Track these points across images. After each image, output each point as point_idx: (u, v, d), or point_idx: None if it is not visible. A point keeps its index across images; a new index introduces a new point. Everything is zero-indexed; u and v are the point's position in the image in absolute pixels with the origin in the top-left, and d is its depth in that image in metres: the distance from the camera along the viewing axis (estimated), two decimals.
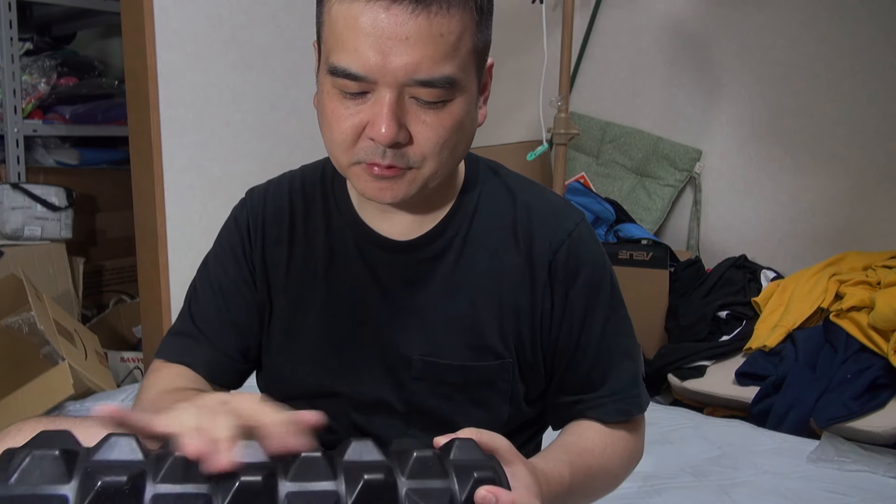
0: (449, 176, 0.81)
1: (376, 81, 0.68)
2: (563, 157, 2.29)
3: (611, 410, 0.84)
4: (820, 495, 1.48)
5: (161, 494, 0.51)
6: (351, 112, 0.71)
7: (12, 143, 2.77)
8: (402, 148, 0.71)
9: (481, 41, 0.73)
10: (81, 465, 0.52)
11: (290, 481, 0.54)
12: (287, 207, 0.88)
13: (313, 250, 0.87)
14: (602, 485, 0.83)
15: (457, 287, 0.83)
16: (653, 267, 2.37)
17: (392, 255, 0.84)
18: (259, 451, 0.55)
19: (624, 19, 2.83)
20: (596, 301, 0.84)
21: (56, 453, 0.51)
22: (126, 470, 0.51)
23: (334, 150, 0.75)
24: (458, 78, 0.70)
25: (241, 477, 0.52)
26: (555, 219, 0.84)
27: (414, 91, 0.69)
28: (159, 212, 2.22)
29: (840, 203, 2.43)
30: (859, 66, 2.36)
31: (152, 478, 0.52)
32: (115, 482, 0.50)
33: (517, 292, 0.82)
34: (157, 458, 0.53)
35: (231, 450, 0.52)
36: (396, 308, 0.83)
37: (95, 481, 0.50)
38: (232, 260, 0.88)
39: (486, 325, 0.82)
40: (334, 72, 0.70)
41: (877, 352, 1.92)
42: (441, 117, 0.71)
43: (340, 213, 0.86)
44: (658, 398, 2.21)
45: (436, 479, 0.57)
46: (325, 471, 0.55)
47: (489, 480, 0.58)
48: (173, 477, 0.52)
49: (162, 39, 2.17)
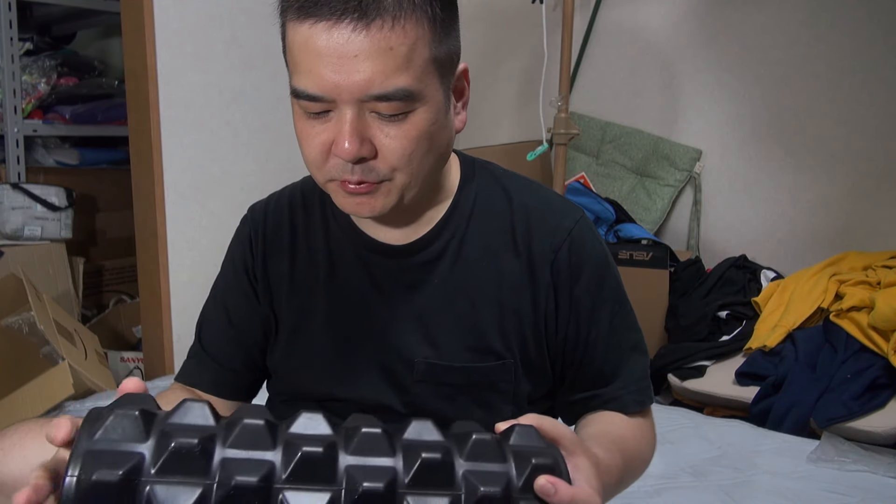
0: (437, 183, 0.82)
1: (334, 100, 0.69)
2: (563, 157, 2.29)
3: (628, 402, 0.84)
4: (820, 495, 1.48)
5: (229, 458, 0.54)
6: (317, 131, 0.72)
7: (12, 143, 2.77)
8: (368, 162, 0.72)
9: (441, 50, 0.72)
10: (158, 426, 0.55)
11: (351, 455, 0.56)
12: (287, 220, 0.90)
13: (314, 259, 0.88)
14: (639, 471, 0.84)
15: (456, 289, 0.83)
16: (653, 267, 2.37)
17: (390, 261, 0.84)
18: (322, 423, 0.58)
19: (624, 19, 2.83)
20: (602, 296, 0.84)
21: (136, 413, 0.55)
22: (198, 433, 0.54)
23: (310, 168, 0.77)
24: (414, 89, 0.70)
25: (304, 447, 0.55)
26: (553, 218, 0.84)
27: (372, 106, 0.69)
28: (159, 212, 2.22)
29: (840, 203, 2.43)
30: (859, 66, 2.36)
31: (222, 442, 0.55)
32: (187, 444, 0.53)
33: (518, 293, 0.82)
34: (228, 424, 0.56)
35: None
36: (397, 312, 0.84)
37: (170, 441, 0.53)
38: (235, 276, 0.91)
39: (486, 326, 0.82)
40: (296, 94, 0.71)
41: (877, 352, 1.92)
42: (404, 129, 0.71)
43: (338, 222, 0.87)
44: (658, 398, 2.21)
45: (493, 462, 0.58)
46: (384, 447, 0.57)
47: (548, 468, 0.58)
48: (241, 443, 0.55)
49: (162, 39, 2.17)
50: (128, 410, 0.55)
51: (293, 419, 0.58)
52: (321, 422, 0.58)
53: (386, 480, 0.56)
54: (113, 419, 0.55)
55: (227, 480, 0.53)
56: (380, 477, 0.55)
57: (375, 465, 0.56)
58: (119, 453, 0.53)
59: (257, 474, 0.53)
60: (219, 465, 0.54)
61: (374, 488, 0.55)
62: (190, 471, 0.53)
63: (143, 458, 0.53)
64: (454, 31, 0.75)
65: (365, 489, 0.54)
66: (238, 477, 0.53)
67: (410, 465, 0.56)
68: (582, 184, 2.78)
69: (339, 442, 0.57)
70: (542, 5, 2.28)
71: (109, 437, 0.54)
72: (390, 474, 0.56)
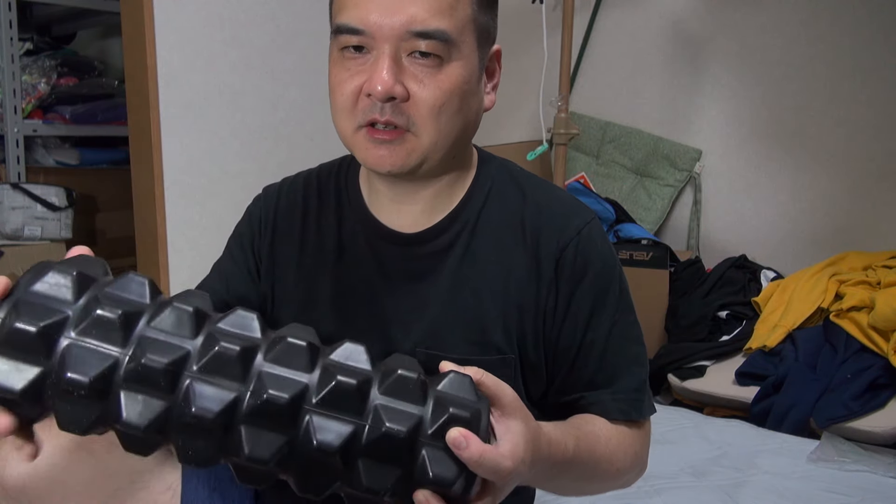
0: (457, 159, 0.82)
1: (374, 36, 0.72)
2: (563, 157, 2.29)
3: (611, 408, 0.83)
4: (820, 495, 1.48)
5: (266, 372, 0.56)
6: (351, 74, 0.75)
7: (12, 143, 2.77)
8: (399, 104, 0.74)
9: (482, 18, 0.77)
10: (208, 326, 0.58)
11: (382, 394, 0.58)
12: (301, 203, 0.90)
13: (324, 244, 0.88)
14: (603, 474, 0.81)
15: (463, 281, 0.83)
16: (653, 267, 2.37)
17: (400, 248, 0.84)
18: (364, 356, 0.60)
19: (624, 19, 2.83)
20: (603, 302, 0.83)
21: (191, 310, 0.58)
22: (241, 342, 0.57)
23: (338, 118, 0.78)
24: (454, 36, 0.73)
25: (339, 377, 0.56)
26: (564, 217, 0.84)
27: (411, 44, 0.72)
28: (159, 212, 2.22)
29: (840, 203, 2.43)
30: (859, 66, 2.36)
31: (263, 355, 0.57)
32: (230, 350, 0.56)
33: (522, 289, 0.82)
34: (275, 340, 0.58)
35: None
36: (402, 301, 0.84)
37: (215, 345, 0.56)
38: (240, 252, 0.91)
39: (489, 320, 0.82)
40: (338, 30, 0.74)
41: (877, 352, 1.92)
42: (439, 79, 0.73)
43: (352, 207, 0.88)
44: (658, 398, 2.21)
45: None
46: (417, 395, 0.58)
47: (464, 421, 0.57)
48: (282, 360, 0.57)
49: (162, 39, 2.17)
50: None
51: (337, 345, 0.60)
52: (362, 354, 0.60)
53: (409, 426, 0.56)
54: (51, 274, 0.56)
55: (140, 358, 0.54)
56: (404, 421, 0.56)
57: (403, 409, 0.57)
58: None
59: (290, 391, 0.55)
60: (255, 377, 0.56)
61: (397, 431, 0.56)
62: (110, 340, 0.55)
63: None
64: (495, 11, 0.80)
65: (387, 430, 0.55)
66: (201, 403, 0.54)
67: (438, 416, 0.57)
68: (582, 184, 2.78)
69: (375, 378, 0.58)
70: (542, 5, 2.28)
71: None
72: (415, 421, 0.57)
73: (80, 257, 0.61)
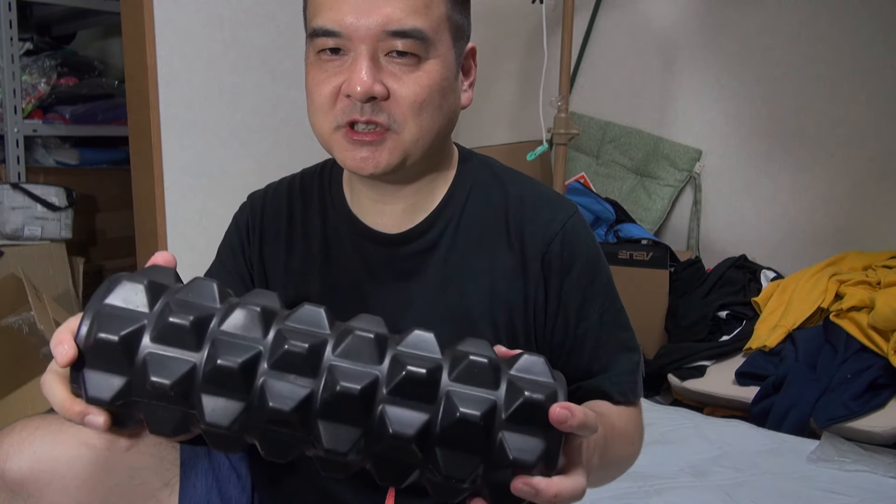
0: (437, 157, 0.83)
1: (350, 38, 0.72)
2: (563, 157, 2.29)
3: (611, 391, 0.84)
4: (820, 495, 1.48)
5: (336, 366, 0.57)
6: (329, 75, 0.75)
7: (12, 143, 2.77)
8: (379, 103, 0.74)
9: (456, 17, 0.77)
10: (277, 324, 0.59)
11: (454, 381, 0.58)
12: (285, 207, 0.91)
13: (311, 247, 0.89)
14: (624, 452, 0.82)
15: (448, 279, 0.84)
16: (653, 267, 2.37)
17: (384, 249, 0.85)
18: (433, 343, 0.60)
19: (624, 19, 2.83)
20: (592, 291, 0.84)
21: (258, 310, 0.59)
22: (310, 338, 0.58)
23: (316, 118, 0.78)
24: (430, 35, 0.74)
25: (409, 366, 0.57)
26: (547, 211, 0.85)
27: (388, 44, 0.73)
28: (159, 212, 2.22)
29: (840, 203, 2.43)
30: (859, 66, 2.36)
31: (332, 349, 0.58)
32: (298, 347, 0.56)
33: (509, 284, 0.83)
34: (342, 332, 0.59)
35: None
36: (390, 301, 0.85)
37: (284, 342, 0.57)
38: (231, 256, 0.92)
39: (477, 316, 0.83)
40: (314, 33, 0.74)
41: (877, 352, 1.92)
42: (417, 76, 0.74)
43: (336, 209, 0.88)
44: (658, 398, 2.21)
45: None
46: (489, 379, 0.58)
47: (539, 403, 0.56)
48: (351, 355, 0.58)
49: (162, 39, 2.17)
50: (139, 280, 0.59)
51: (407, 333, 0.61)
52: (432, 341, 0.60)
53: (483, 410, 0.56)
54: (124, 285, 0.58)
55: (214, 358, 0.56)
56: (478, 406, 0.56)
57: (476, 395, 0.57)
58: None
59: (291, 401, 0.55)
60: (326, 371, 0.57)
61: (472, 416, 0.55)
62: (185, 345, 0.56)
63: (194, 368, 0.56)
64: (468, 9, 0.81)
65: (462, 415, 0.55)
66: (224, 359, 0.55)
67: (512, 400, 0.57)
68: (582, 184, 2.78)
69: (445, 365, 0.58)
70: (542, 5, 2.28)
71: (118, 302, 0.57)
72: (489, 406, 0.56)
73: (152, 268, 0.63)
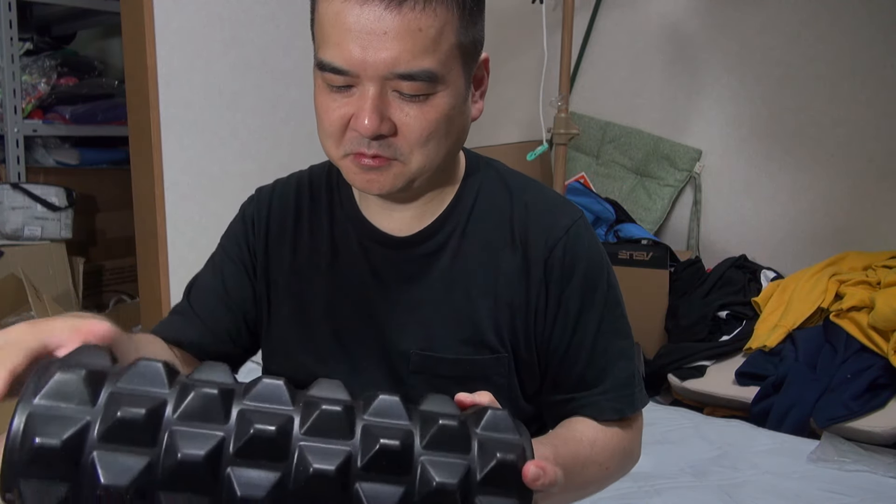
0: (446, 171, 0.83)
1: (359, 75, 0.71)
2: (563, 157, 2.29)
3: (604, 408, 0.83)
4: (820, 495, 1.48)
5: (307, 446, 0.53)
6: (338, 104, 0.73)
7: (12, 143, 2.77)
8: (386, 139, 0.73)
9: (468, 37, 0.74)
10: (237, 404, 0.54)
11: (426, 448, 0.55)
12: (293, 204, 0.91)
13: (317, 246, 0.88)
14: (593, 477, 0.81)
15: (454, 282, 0.84)
16: (653, 267, 2.37)
17: (391, 251, 0.85)
18: (401, 409, 0.56)
19: (624, 19, 2.83)
20: (592, 300, 0.84)
21: (216, 392, 0.53)
22: (275, 419, 0.53)
23: (326, 143, 0.78)
24: (439, 72, 0.71)
25: (381, 440, 0.54)
26: (552, 216, 0.84)
27: (395, 84, 0.71)
28: (159, 212, 2.22)
29: (840, 203, 2.43)
30: (859, 66, 2.36)
31: (299, 427, 0.54)
32: (266, 431, 0.52)
33: (512, 288, 0.83)
34: (308, 406, 0.55)
35: None
36: (395, 303, 0.85)
37: (249, 428, 0.52)
38: (236, 248, 0.91)
39: (481, 319, 0.83)
40: (321, 66, 0.73)
41: (877, 352, 1.92)
42: (424, 110, 0.73)
43: (344, 210, 0.88)
44: (658, 398, 2.21)
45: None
46: (464, 443, 0.55)
47: (512, 463, 0.56)
48: (320, 431, 0.54)
49: (162, 39, 2.17)
50: (75, 369, 0.52)
51: (371, 398, 0.57)
52: (399, 407, 0.57)
53: (459, 477, 0.54)
54: (58, 377, 0.51)
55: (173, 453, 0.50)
56: (454, 474, 0.54)
57: (450, 462, 0.55)
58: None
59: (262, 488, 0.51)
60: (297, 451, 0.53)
61: (449, 485, 0.54)
62: (136, 441, 0.50)
63: (88, 425, 0.50)
64: (481, 20, 0.77)
65: (438, 485, 0.54)
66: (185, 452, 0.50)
67: (485, 463, 0.55)
68: (582, 184, 2.78)
69: (416, 432, 0.56)
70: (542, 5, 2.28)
71: (54, 398, 0.50)
72: (464, 471, 0.55)
73: (82, 349, 0.56)
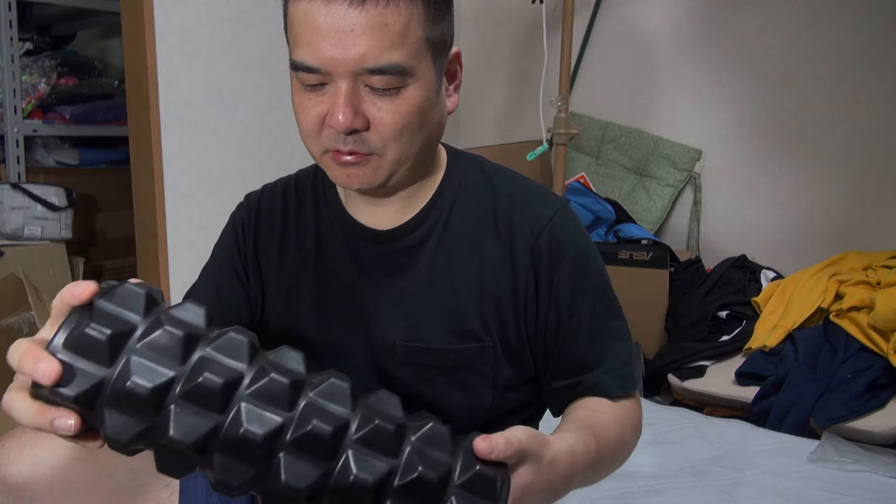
0: (426, 164, 0.85)
1: (331, 73, 0.73)
2: (563, 157, 2.29)
3: (611, 387, 0.84)
4: (820, 495, 1.48)
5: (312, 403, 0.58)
6: (313, 103, 0.76)
7: (12, 143, 2.77)
8: (360, 134, 0.75)
9: (435, 31, 0.76)
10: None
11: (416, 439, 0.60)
12: (280, 207, 0.93)
13: (304, 244, 0.91)
14: (620, 456, 0.84)
15: (438, 274, 0.85)
16: (653, 267, 2.37)
17: (375, 245, 0.87)
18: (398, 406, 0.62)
19: (624, 19, 2.83)
20: (583, 284, 0.85)
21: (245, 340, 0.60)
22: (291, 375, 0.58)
23: (306, 142, 0.80)
24: (408, 65, 0.73)
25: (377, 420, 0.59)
26: (535, 205, 0.86)
27: (366, 80, 0.73)
28: (159, 212, 2.22)
29: (840, 203, 2.43)
30: (859, 66, 2.36)
31: (310, 389, 0.59)
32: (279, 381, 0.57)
33: (498, 278, 0.84)
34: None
35: None
36: (381, 296, 0.86)
37: (266, 375, 0.58)
38: (227, 255, 0.94)
39: (466, 309, 0.84)
40: (295, 66, 0.75)
41: (877, 352, 1.92)
42: (396, 104, 0.74)
43: (329, 208, 0.90)
44: (658, 398, 2.21)
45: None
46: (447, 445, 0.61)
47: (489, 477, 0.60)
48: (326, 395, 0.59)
49: (162, 39, 2.17)
50: (136, 288, 0.60)
51: (374, 392, 0.62)
52: (397, 404, 0.61)
53: (439, 475, 0.58)
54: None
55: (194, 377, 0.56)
56: (435, 469, 0.58)
57: (436, 457, 0.59)
58: (118, 320, 0.57)
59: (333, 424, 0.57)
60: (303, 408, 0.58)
61: (429, 477, 0.58)
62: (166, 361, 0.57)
63: (173, 380, 0.56)
64: (448, 15, 0.79)
65: (420, 474, 0.58)
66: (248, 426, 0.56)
67: (465, 470, 0.59)
68: (582, 184, 2.78)
69: (409, 425, 0.60)
70: (542, 5, 2.28)
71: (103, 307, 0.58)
72: (445, 470, 0.59)
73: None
